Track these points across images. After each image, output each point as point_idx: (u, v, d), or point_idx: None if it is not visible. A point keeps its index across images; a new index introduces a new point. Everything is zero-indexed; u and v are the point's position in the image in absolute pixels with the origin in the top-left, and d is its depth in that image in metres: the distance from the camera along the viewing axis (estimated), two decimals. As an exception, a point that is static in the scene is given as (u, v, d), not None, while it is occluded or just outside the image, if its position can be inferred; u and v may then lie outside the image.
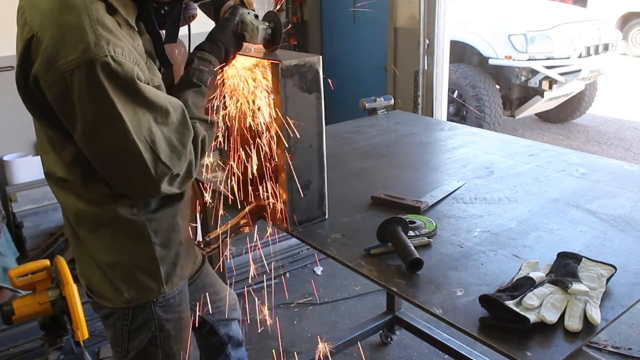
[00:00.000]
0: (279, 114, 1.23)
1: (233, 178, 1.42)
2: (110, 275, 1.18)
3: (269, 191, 1.35)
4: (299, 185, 1.30)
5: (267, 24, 1.28)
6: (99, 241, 1.17)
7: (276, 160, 1.31)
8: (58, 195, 1.19)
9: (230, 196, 1.44)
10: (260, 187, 1.38)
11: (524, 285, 1.01)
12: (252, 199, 1.42)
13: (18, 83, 1.02)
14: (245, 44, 1.28)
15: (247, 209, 1.42)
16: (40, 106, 1.02)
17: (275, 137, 1.27)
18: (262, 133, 1.33)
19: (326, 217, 1.39)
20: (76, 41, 0.93)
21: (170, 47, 1.23)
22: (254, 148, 1.35)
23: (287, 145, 1.26)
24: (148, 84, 1.03)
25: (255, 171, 1.36)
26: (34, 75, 0.98)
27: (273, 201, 1.36)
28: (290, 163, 1.27)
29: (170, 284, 1.23)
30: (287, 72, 1.21)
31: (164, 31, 1.19)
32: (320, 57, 1.26)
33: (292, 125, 1.24)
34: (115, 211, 1.13)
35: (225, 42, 1.22)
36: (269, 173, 1.34)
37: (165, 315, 1.24)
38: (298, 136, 1.25)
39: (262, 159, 1.34)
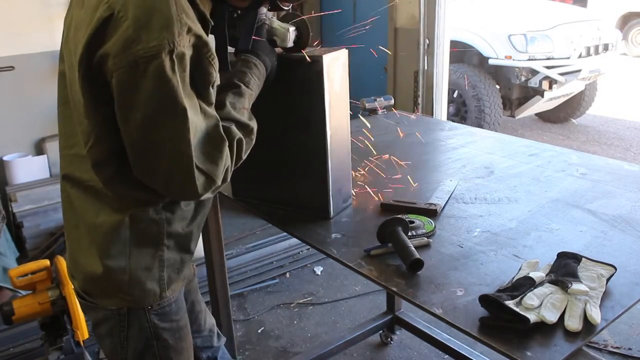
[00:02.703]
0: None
1: None
2: (116, 278, 1.14)
3: None
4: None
5: (293, 27, 1.28)
6: (115, 246, 1.12)
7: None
8: (74, 198, 1.13)
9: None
10: None
11: (524, 285, 1.01)
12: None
13: (81, 61, 0.94)
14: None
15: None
16: (97, 90, 0.96)
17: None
18: None
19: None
20: (161, 27, 0.89)
21: None
22: None
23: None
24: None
25: None
26: (103, 55, 0.92)
27: None
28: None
29: (170, 290, 1.19)
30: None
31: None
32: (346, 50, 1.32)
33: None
34: (136, 214, 1.09)
35: (264, 51, 1.22)
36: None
37: (162, 324, 1.20)
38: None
39: None
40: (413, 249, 1.15)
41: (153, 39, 0.89)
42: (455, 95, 5.26)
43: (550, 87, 5.16)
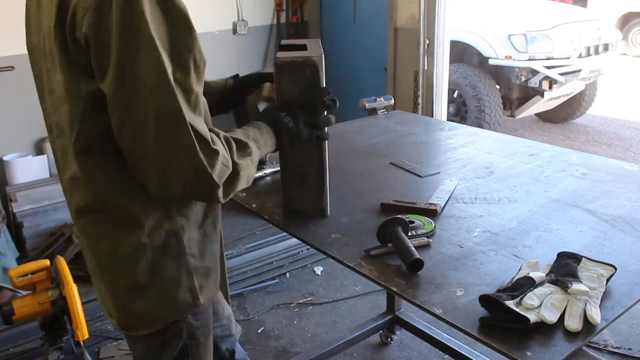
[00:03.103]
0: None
1: None
2: (145, 298, 1.09)
3: None
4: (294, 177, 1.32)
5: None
6: (140, 270, 1.07)
7: None
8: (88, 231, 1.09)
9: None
10: None
11: (524, 285, 1.01)
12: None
13: (55, 30, 0.91)
14: None
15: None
16: (76, 56, 0.92)
17: None
18: None
19: (326, 214, 1.39)
20: None
21: None
22: None
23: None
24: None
25: None
26: (73, 8, 0.89)
27: None
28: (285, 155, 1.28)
29: (203, 295, 1.16)
30: (282, 68, 1.21)
31: None
32: (322, 55, 1.23)
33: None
34: (153, 230, 1.05)
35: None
36: None
37: (196, 322, 1.18)
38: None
39: None
40: (413, 249, 1.15)
41: None
42: (455, 95, 5.26)
43: (550, 87, 5.16)
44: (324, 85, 1.23)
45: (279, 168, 1.46)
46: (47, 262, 2.00)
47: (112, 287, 1.11)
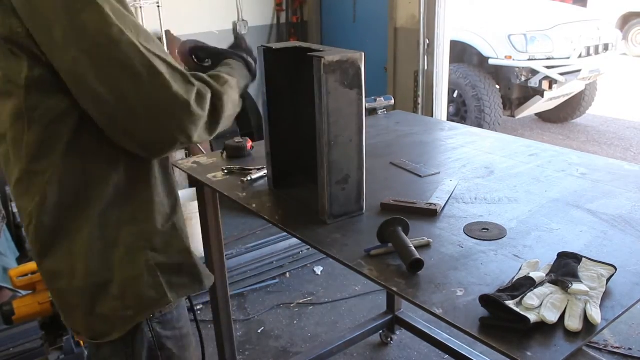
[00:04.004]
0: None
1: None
2: (109, 303, 1.04)
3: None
4: (337, 179, 1.33)
5: None
6: (96, 265, 1.03)
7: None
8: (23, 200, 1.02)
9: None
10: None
11: (524, 285, 1.01)
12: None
13: None
14: None
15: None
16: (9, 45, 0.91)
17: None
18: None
19: (363, 211, 1.41)
20: None
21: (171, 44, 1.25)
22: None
23: (327, 139, 1.28)
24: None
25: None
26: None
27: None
28: (328, 157, 1.30)
29: (175, 293, 1.12)
30: (329, 68, 1.23)
31: None
32: (363, 53, 1.29)
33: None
34: (104, 221, 1.03)
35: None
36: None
37: (165, 332, 1.14)
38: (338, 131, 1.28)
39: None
40: (413, 249, 1.15)
41: None
42: (455, 95, 5.26)
43: (550, 87, 5.16)
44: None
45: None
46: (47, 262, 1.99)
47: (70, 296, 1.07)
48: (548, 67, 5.13)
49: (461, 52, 5.45)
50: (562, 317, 0.95)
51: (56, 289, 1.09)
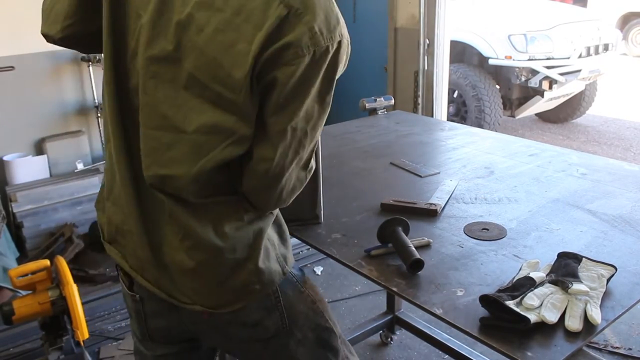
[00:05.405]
0: None
1: None
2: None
3: None
4: None
5: None
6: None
7: None
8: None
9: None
10: None
11: (524, 285, 1.01)
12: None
13: (254, 57, 0.91)
14: None
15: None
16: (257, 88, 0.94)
17: None
18: None
19: (320, 220, 1.38)
20: (335, 21, 0.94)
21: None
22: None
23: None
24: None
25: None
26: (283, 46, 0.90)
27: None
28: None
29: (289, 265, 1.16)
30: None
31: None
32: None
33: None
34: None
35: None
36: None
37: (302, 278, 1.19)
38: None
39: None
40: (413, 249, 1.15)
41: (331, 32, 0.92)
42: (455, 95, 5.26)
43: (550, 87, 5.17)
44: None
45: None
46: (47, 262, 1.99)
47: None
48: (548, 67, 5.13)
49: (461, 52, 5.45)
50: (562, 317, 0.95)
51: None
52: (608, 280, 1.05)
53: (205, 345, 1.26)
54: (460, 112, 5.30)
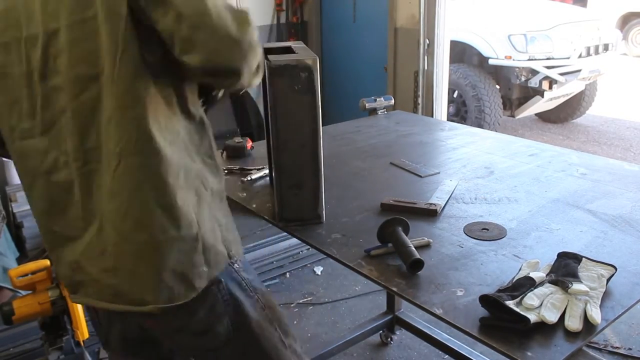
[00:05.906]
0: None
1: None
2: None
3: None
4: (288, 184, 1.31)
5: None
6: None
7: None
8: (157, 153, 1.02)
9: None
10: None
11: (524, 285, 1.01)
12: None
13: None
14: None
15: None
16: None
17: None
18: None
19: (322, 220, 1.38)
20: None
21: None
22: None
23: (275, 143, 1.27)
24: None
25: None
26: None
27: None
28: (277, 160, 1.28)
29: (234, 251, 1.15)
30: (275, 72, 1.21)
31: None
32: (317, 58, 1.24)
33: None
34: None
35: None
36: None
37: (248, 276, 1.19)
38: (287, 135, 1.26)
39: None
40: (413, 249, 1.15)
41: None
42: (455, 95, 5.26)
43: (550, 87, 5.16)
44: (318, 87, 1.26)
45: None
46: (47, 262, 1.99)
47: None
48: (548, 67, 5.12)
49: (461, 52, 5.45)
50: (562, 317, 0.95)
51: None
52: (608, 280, 1.05)
53: None
54: (460, 112, 5.30)
